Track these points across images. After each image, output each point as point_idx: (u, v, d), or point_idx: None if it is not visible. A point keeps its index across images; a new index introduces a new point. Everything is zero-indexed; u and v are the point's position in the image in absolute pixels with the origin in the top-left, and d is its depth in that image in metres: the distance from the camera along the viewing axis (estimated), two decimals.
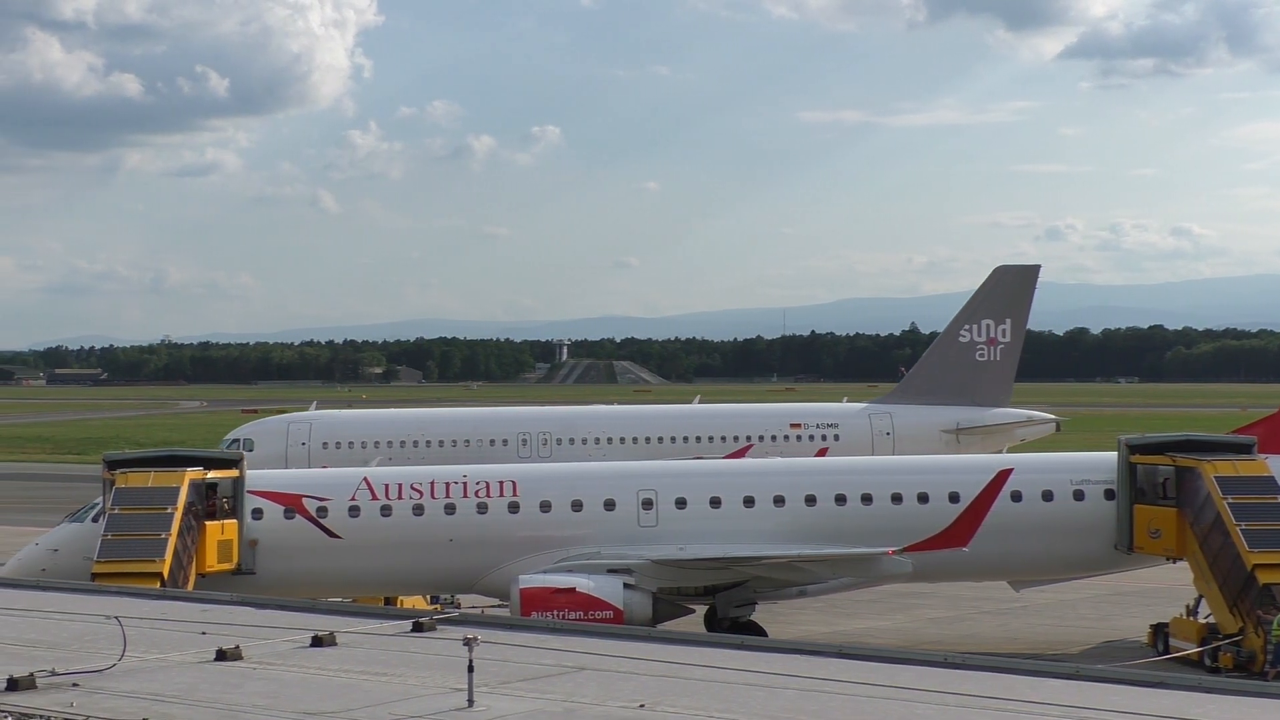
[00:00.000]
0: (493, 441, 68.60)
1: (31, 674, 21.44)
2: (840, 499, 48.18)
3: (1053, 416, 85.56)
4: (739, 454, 71.84)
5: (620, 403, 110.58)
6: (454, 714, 19.94)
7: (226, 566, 44.93)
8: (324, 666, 22.92)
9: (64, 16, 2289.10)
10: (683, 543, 46.77)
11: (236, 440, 74.75)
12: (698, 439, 77.03)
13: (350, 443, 75.01)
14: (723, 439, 77.23)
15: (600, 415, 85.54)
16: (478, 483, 47.69)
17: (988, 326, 79.78)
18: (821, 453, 72.47)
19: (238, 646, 23.66)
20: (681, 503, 47.87)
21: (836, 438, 78.13)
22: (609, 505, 47.60)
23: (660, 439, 76.91)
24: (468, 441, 73.42)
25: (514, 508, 47.33)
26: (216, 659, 23.26)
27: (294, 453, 73.77)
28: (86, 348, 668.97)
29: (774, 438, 77.86)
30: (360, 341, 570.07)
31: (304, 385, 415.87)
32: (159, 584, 40.19)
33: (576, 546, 46.63)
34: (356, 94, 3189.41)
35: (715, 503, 48.09)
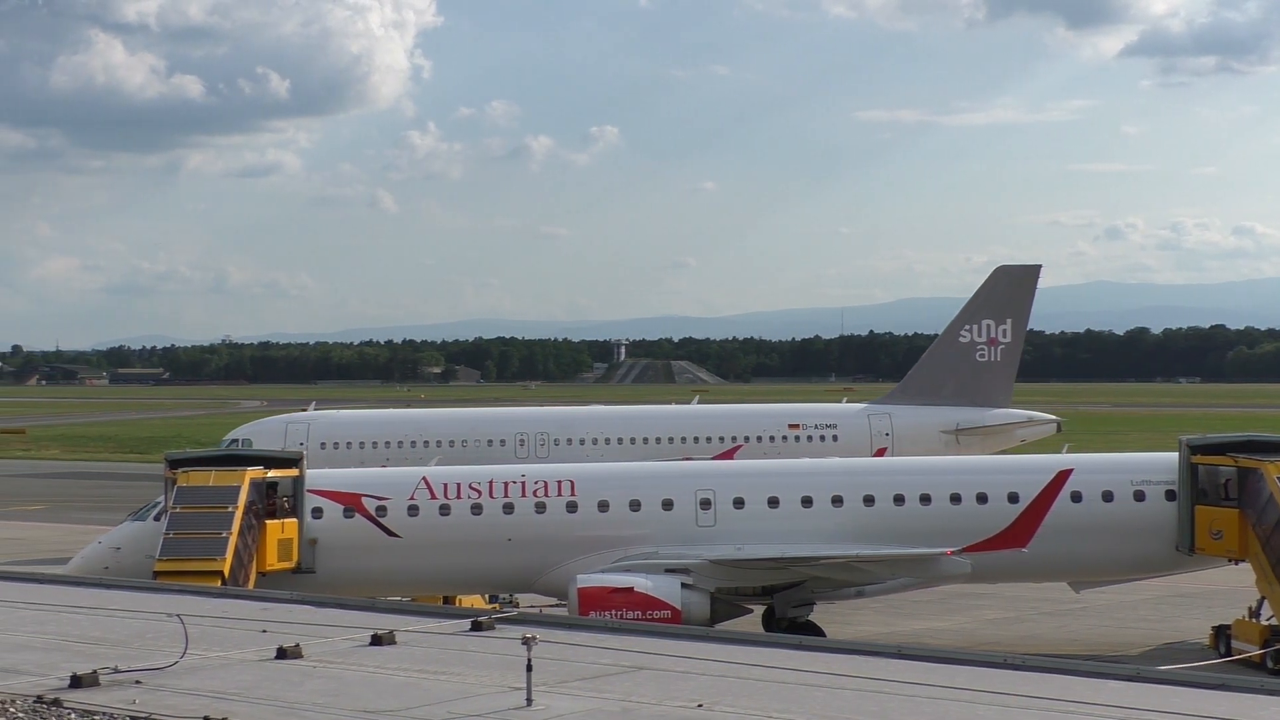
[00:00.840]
0: (490, 442, 68.51)
1: (95, 671, 21.65)
2: (899, 499, 48.04)
3: (1054, 417, 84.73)
4: (728, 454, 72.02)
5: (679, 403, 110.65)
6: (512, 713, 20.00)
7: (286, 565, 45.13)
8: (383, 665, 23.04)
9: (127, 19, 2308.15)
10: (740, 543, 46.72)
11: (236, 440, 75.36)
12: (695, 439, 76.92)
13: (348, 443, 75.39)
14: (720, 439, 77.13)
15: (598, 416, 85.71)
16: (536, 482, 47.76)
17: (988, 327, 79.46)
18: (880, 452, 72.31)
19: (298, 645, 23.81)
20: (739, 503, 47.83)
21: (835, 438, 77.99)
22: (667, 505, 47.61)
23: (658, 439, 76.90)
24: (465, 442, 73.47)
25: (572, 507, 47.39)
26: (277, 657, 23.42)
27: None
28: (149, 347, 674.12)
29: (772, 438, 77.82)
30: (419, 341, 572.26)
31: (363, 385, 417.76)
32: (220, 582, 40.42)
33: (634, 546, 46.64)
34: (416, 95, 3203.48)
35: (773, 503, 48.02)
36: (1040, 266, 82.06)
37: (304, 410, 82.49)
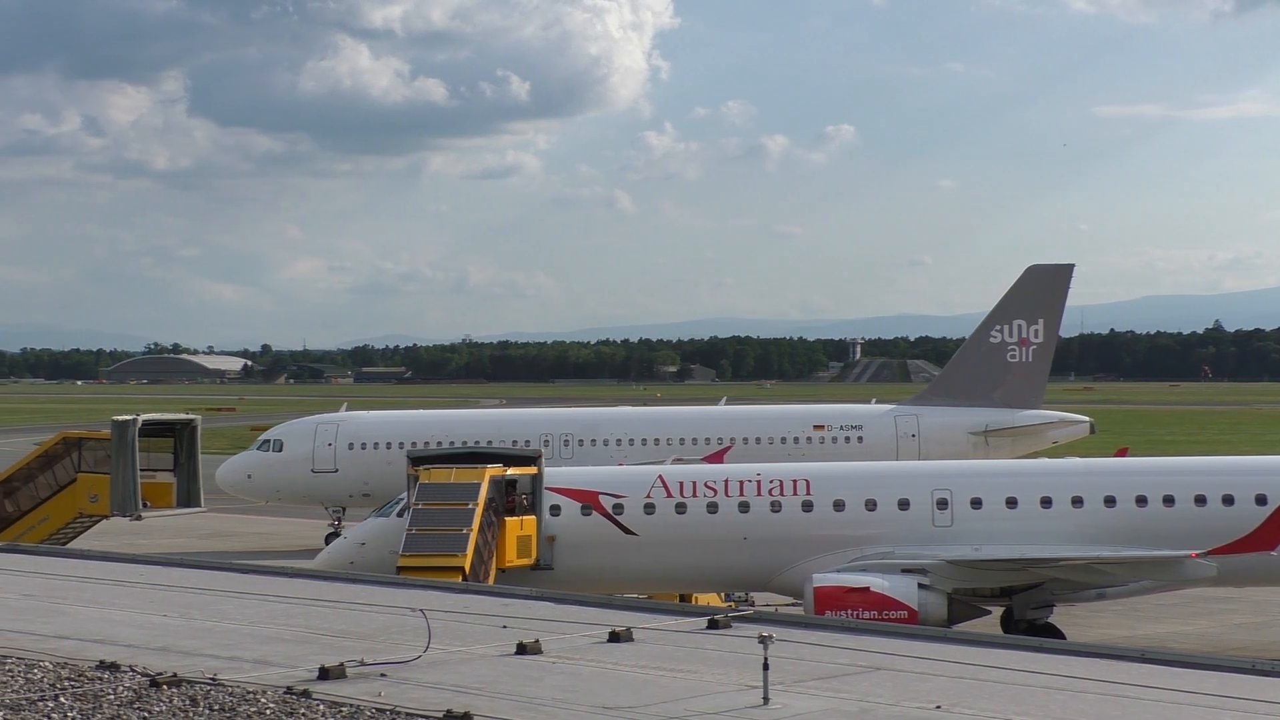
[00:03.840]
0: (514, 442, 68.61)
1: (342, 663, 22.14)
2: (1141, 500, 47.15)
3: (1086, 418, 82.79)
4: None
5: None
6: (749, 711, 20.05)
7: (525, 562, 45.65)
8: (621, 661, 23.23)
9: (373, 25, 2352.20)
10: (978, 543, 46.24)
11: (268, 441, 76.82)
12: (719, 440, 76.40)
13: (375, 444, 76.21)
14: (744, 440, 76.67)
15: (622, 417, 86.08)
16: (771, 481, 47.76)
17: (1019, 327, 78.11)
18: (1121, 452, 70.94)
19: (537, 640, 24.10)
20: (977, 503, 47.34)
21: (860, 439, 77.27)
22: (903, 505, 47.28)
23: (682, 440, 76.56)
24: (490, 443, 74.27)
25: (808, 506, 47.31)
26: (517, 652, 23.73)
27: (320, 453, 75.44)
28: (391, 347, 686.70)
29: (796, 439, 77.18)
30: (655, 340, 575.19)
31: (600, 384, 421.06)
32: (461, 578, 41.05)
33: (870, 546, 46.39)
34: (653, 96, 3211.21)
35: (1011, 503, 47.44)
36: (1073, 266, 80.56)
37: (336, 411, 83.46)
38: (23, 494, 55.26)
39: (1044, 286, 79.06)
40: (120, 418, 53.88)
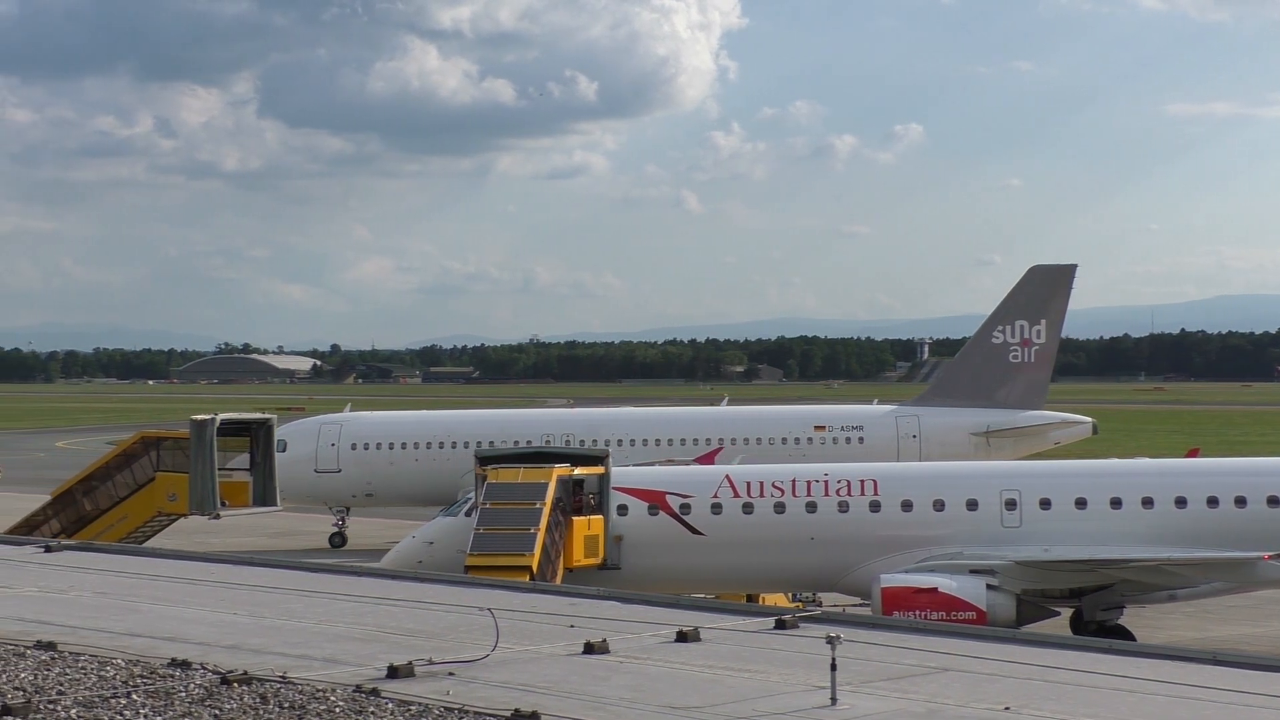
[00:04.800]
0: (516, 443, 68.77)
1: (410, 662, 22.23)
2: (1212, 501, 46.80)
3: (1089, 419, 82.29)
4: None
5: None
6: (817, 711, 20.02)
7: (593, 561, 45.74)
8: (688, 661, 23.23)
9: (442, 26, 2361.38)
10: (1047, 544, 46.02)
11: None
12: (720, 440, 76.45)
13: (379, 444, 76.81)
14: (745, 441, 76.70)
15: (623, 417, 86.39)
16: (839, 481, 47.68)
17: (1021, 327, 78.09)
18: (1193, 453, 70.42)
19: (605, 640, 24.11)
20: (1046, 503, 47.10)
21: (861, 440, 77.25)
22: (971, 505, 47.11)
23: (684, 441, 76.68)
24: (491, 443, 74.46)
25: (875, 507, 47.20)
26: (584, 652, 23.75)
27: (324, 453, 76.08)
28: (459, 346, 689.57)
29: (797, 440, 77.10)
30: (722, 340, 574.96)
31: (667, 384, 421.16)
32: (528, 577, 41.16)
33: (938, 546, 46.25)
34: (720, 95, 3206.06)
35: (1080, 503, 47.18)
36: (1075, 266, 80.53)
37: (340, 411, 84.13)
38: (101, 493, 55.74)
39: (1046, 287, 79.14)
40: (199, 417, 54.28)
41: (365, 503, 77.34)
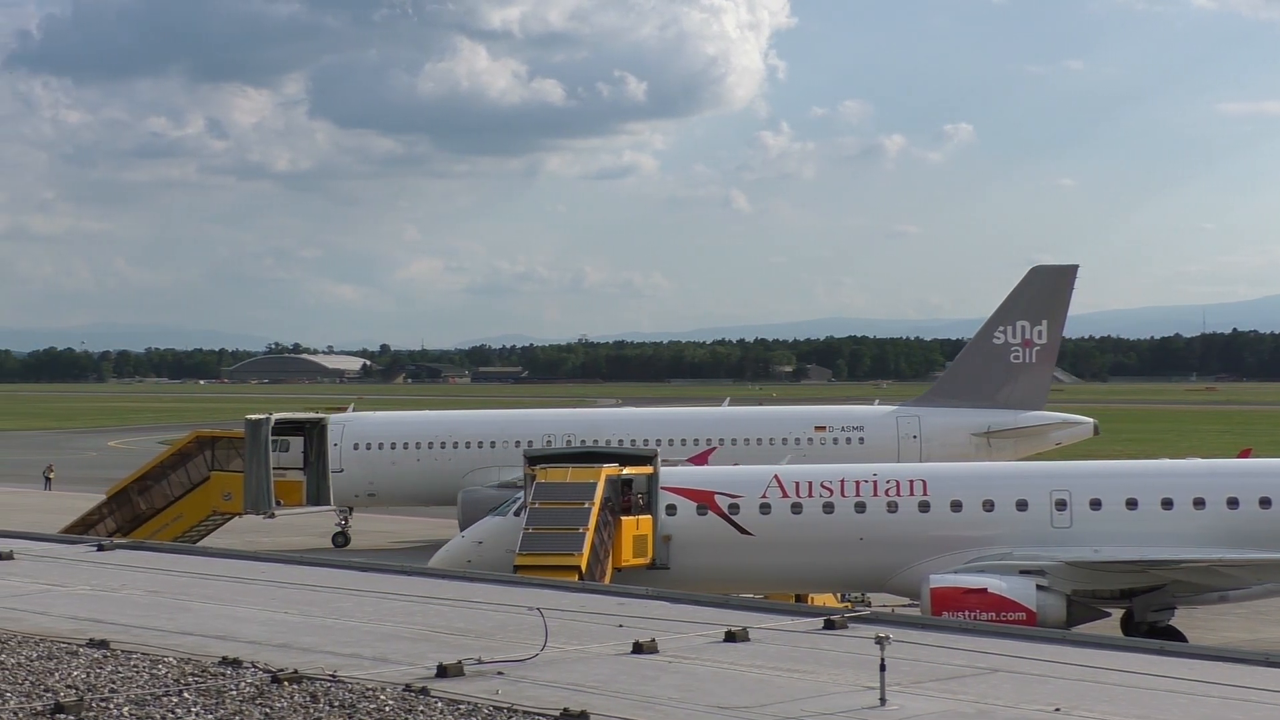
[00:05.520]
0: (518, 443, 68.63)
1: (460, 661, 22.29)
2: (1265, 502, 46.51)
3: (1090, 419, 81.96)
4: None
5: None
6: (866, 712, 20.00)
7: (641, 561, 45.78)
8: (736, 661, 23.22)
9: (491, 26, 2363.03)
10: (1098, 544, 45.84)
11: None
12: (721, 441, 76.30)
13: (380, 444, 76.92)
14: (745, 441, 76.61)
15: (623, 417, 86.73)
16: (888, 481, 47.60)
17: (1023, 328, 78.01)
18: (1245, 453, 69.99)
19: (653, 640, 24.12)
20: (1096, 504, 46.91)
21: (862, 440, 77.04)
22: (1021, 505, 46.96)
23: (684, 441, 76.47)
24: (493, 443, 73.86)
25: (924, 507, 47.10)
26: (633, 651, 23.76)
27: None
28: (508, 346, 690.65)
29: (798, 440, 76.83)
30: (770, 340, 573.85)
31: (715, 383, 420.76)
32: (577, 577, 41.20)
33: (988, 547, 46.12)
34: (769, 95, 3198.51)
35: (1131, 504, 46.96)
36: (1077, 267, 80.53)
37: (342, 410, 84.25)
38: (156, 492, 56.14)
39: (1047, 287, 79.12)
40: (253, 417, 54.59)
41: (368, 503, 77.79)
